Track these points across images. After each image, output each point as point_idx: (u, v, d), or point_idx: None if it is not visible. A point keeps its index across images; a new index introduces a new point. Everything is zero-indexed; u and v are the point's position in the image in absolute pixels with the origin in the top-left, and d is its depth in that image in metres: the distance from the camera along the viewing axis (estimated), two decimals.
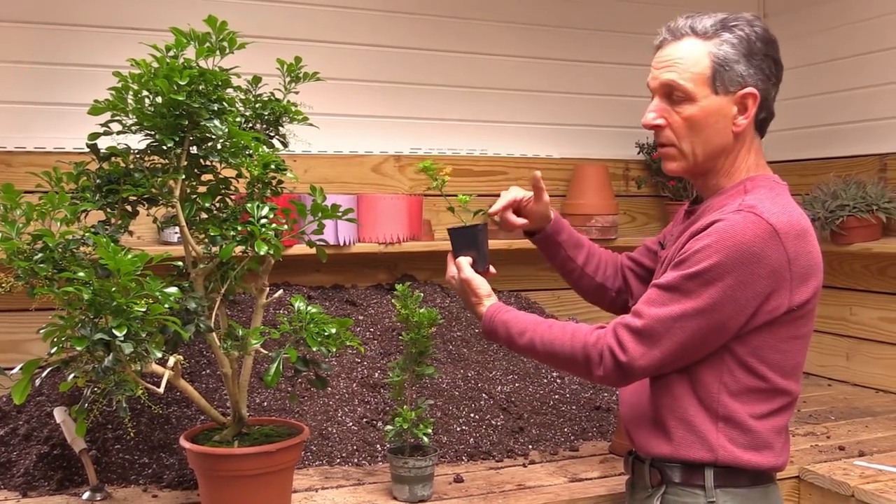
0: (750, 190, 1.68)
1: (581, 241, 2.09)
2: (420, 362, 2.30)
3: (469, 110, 3.64)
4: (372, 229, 3.16)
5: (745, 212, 1.60)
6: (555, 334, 1.73)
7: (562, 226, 2.07)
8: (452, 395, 2.91)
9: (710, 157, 1.72)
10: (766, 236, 1.57)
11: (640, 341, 1.62)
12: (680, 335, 1.61)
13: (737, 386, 1.65)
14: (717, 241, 1.58)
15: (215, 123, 1.92)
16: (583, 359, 1.67)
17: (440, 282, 3.49)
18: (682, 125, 1.71)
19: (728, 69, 1.67)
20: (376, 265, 3.45)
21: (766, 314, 1.61)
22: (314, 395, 2.77)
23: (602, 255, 2.10)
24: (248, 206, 2.00)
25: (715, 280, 1.57)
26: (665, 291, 1.62)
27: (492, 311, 1.85)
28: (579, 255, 2.08)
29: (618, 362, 1.64)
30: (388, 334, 3.10)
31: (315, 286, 3.30)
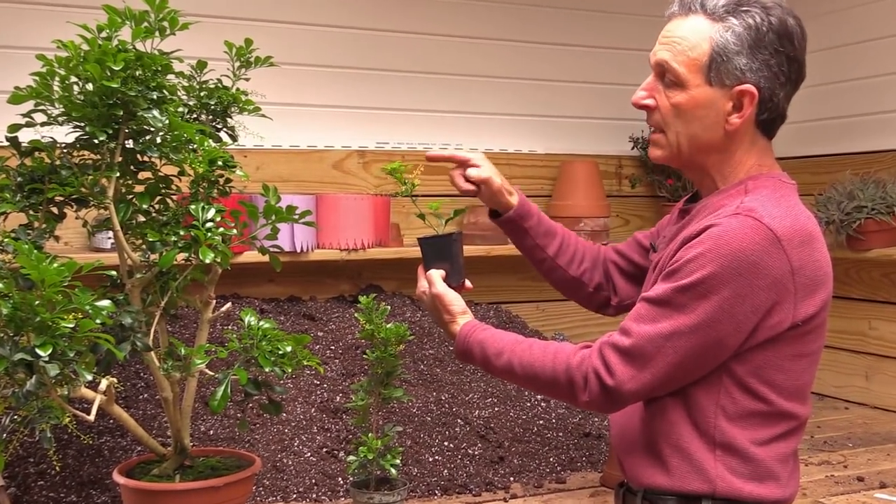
0: (751, 190, 1.69)
1: (553, 230, 2.09)
2: (387, 384, 2.30)
3: (443, 100, 3.65)
4: (333, 234, 3.15)
5: (742, 215, 1.60)
6: (535, 356, 1.74)
7: (528, 210, 2.07)
8: (424, 421, 2.91)
9: (698, 152, 1.74)
10: (766, 243, 1.59)
11: (628, 362, 1.63)
12: (672, 355, 1.61)
13: (735, 409, 1.66)
14: (711, 248, 1.59)
15: (154, 114, 1.91)
16: (566, 382, 1.68)
17: (410, 294, 3.50)
18: (669, 111, 1.72)
19: (726, 60, 1.67)
20: (338, 274, 3.45)
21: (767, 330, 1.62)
22: (267, 422, 2.76)
23: (579, 247, 2.10)
24: (192, 208, 1.99)
25: (710, 293, 1.58)
26: (655, 306, 1.62)
27: (466, 329, 1.85)
28: (550, 244, 2.08)
29: (604, 386, 1.64)
30: (351, 353, 3.09)
31: (268, 298, 3.29)
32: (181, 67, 2.06)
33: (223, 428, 2.71)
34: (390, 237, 3.33)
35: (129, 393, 2.72)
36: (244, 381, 1.93)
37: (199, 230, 1.95)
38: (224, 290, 3.19)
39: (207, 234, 1.95)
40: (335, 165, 3.46)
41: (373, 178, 3.51)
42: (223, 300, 3.07)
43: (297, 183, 3.39)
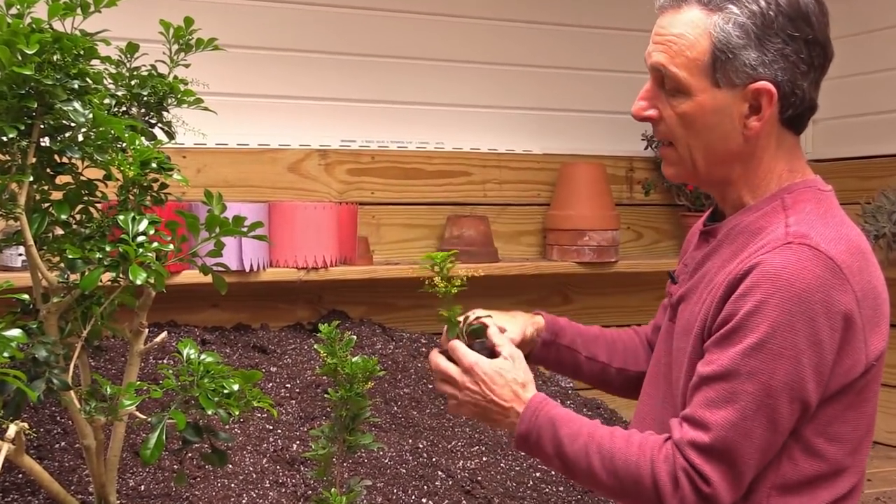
0: (791, 206, 1.69)
1: (593, 333, 2.09)
2: (353, 429, 2.30)
3: (420, 90, 3.66)
4: (289, 249, 3.15)
5: (796, 244, 1.60)
6: (617, 444, 1.70)
7: (559, 326, 2.07)
8: (398, 474, 2.90)
9: (717, 165, 1.73)
10: (829, 275, 1.57)
11: (719, 463, 1.61)
12: (762, 436, 1.59)
13: (797, 477, 1.64)
14: (771, 293, 1.57)
15: (75, 107, 1.91)
16: (650, 482, 1.64)
17: (380, 321, 3.50)
18: (676, 122, 1.72)
19: (732, 56, 1.66)
20: (294, 298, 3.45)
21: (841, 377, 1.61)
22: (210, 475, 2.75)
23: (623, 338, 2.10)
24: (121, 219, 1.98)
25: (784, 348, 1.57)
26: (723, 381, 1.60)
27: (535, 402, 1.80)
28: (599, 349, 2.07)
29: (701, 494, 1.62)
30: (311, 392, 3.08)
31: (211, 327, 3.28)
32: (108, 51, 2.06)
33: (157, 482, 2.69)
34: (357, 253, 3.34)
35: (42, 441, 2.71)
36: (182, 425, 1.93)
37: (128, 245, 1.95)
38: (158, 317, 3.18)
39: (139, 249, 1.95)
40: (291, 168, 3.47)
41: (336, 183, 3.52)
42: (157, 329, 3.06)
43: (245, 189, 3.39)
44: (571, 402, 3.40)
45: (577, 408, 3.38)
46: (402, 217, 3.62)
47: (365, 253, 3.39)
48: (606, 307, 3.91)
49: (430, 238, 3.63)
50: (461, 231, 3.49)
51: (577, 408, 3.38)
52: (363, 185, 3.55)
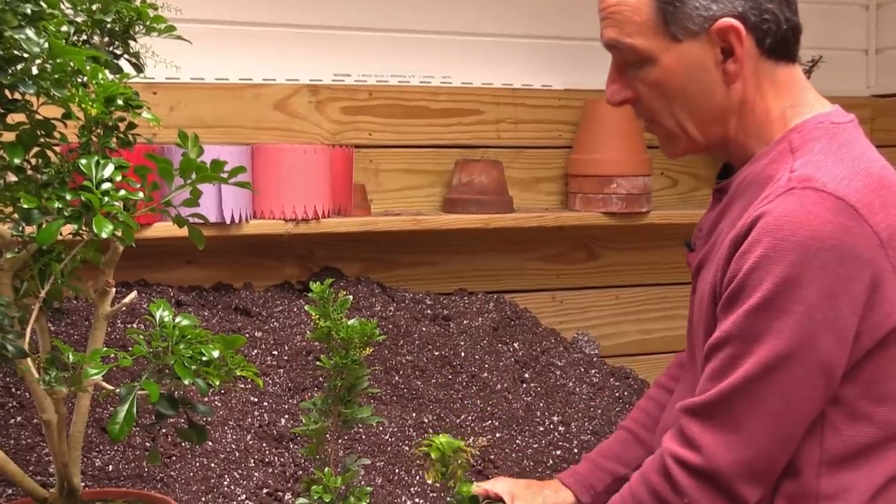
0: (799, 147, 1.69)
1: (620, 443, 2.10)
2: (349, 401, 2.30)
3: (424, 17, 3.64)
4: (275, 199, 3.15)
5: (798, 190, 1.62)
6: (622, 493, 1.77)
7: (585, 475, 2.10)
8: (400, 452, 2.92)
9: (710, 125, 1.76)
10: (840, 218, 1.58)
11: (713, 426, 1.63)
12: (771, 402, 1.61)
13: (845, 448, 1.64)
14: (773, 246, 1.59)
15: (28, 34, 1.89)
16: (649, 497, 1.69)
17: (380, 280, 3.50)
18: (652, 94, 1.76)
19: (679, 4, 1.70)
20: (281, 254, 3.45)
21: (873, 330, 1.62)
22: (187, 454, 2.76)
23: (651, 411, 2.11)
24: (83, 164, 1.98)
25: (791, 304, 1.59)
26: (727, 347, 1.63)
27: None
28: (639, 451, 2.08)
29: (693, 470, 1.63)
30: (300, 359, 3.09)
31: (187, 286, 3.29)
32: None
33: (127, 462, 2.71)
34: (353, 203, 3.33)
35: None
36: (155, 397, 1.93)
37: (91, 193, 1.95)
38: (127, 276, 3.19)
39: (104, 198, 1.94)
40: (278, 106, 3.45)
41: (329, 124, 3.50)
42: (125, 289, 3.06)
43: (225, 129, 3.38)
44: (596, 370, 3.41)
45: (603, 377, 3.39)
46: (404, 162, 3.61)
47: (362, 202, 3.38)
48: (636, 264, 3.91)
49: (436, 185, 3.62)
50: (471, 177, 3.48)
51: (603, 377, 3.39)
52: (359, 126, 3.54)
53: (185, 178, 2.05)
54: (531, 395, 3.23)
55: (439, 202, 3.61)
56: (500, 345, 3.36)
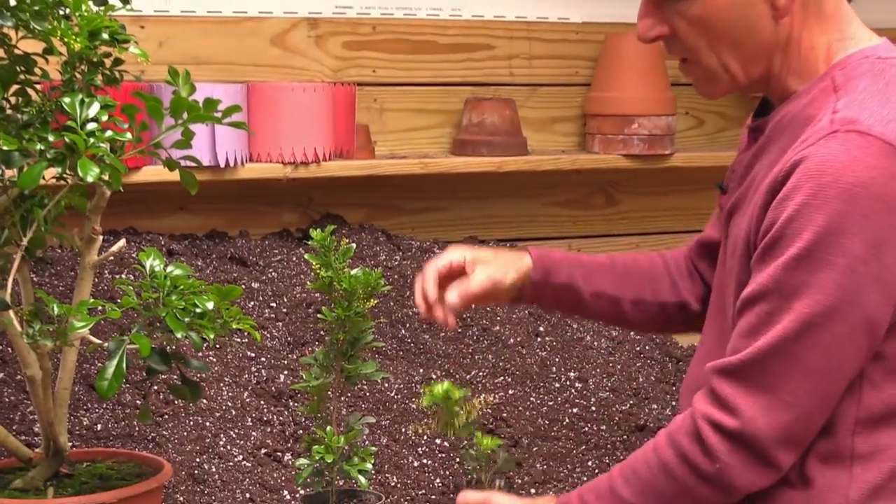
0: (842, 85, 1.68)
1: (599, 264, 2.09)
2: (352, 356, 2.31)
3: None
4: (272, 140, 3.14)
5: (842, 133, 1.60)
6: (635, 456, 1.75)
7: (551, 262, 2.07)
8: (406, 410, 2.92)
9: (754, 64, 1.74)
10: (888, 163, 1.57)
11: (749, 388, 1.61)
12: (814, 358, 1.60)
13: (883, 405, 1.65)
14: (814, 192, 1.57)
15: None
16: (676, 460, 1.67)
17: (384, 227, 3.50)
18: (692, 32, 1.73)
19: None
20: (279, 199, 3.45)
21: None
22: (180, 412, 2.77)
23: (641, 264, 2.10)
24: (67, 102, 1.97)
25: (833, 255, 1.57)
26: (763, 302, 1.62)
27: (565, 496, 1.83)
28: (606, 281, 2.07)
29: (729, 434, 1.62)
30: (300, 312, 3.09)
31: (179, 234, 3.29)
32: None
33: (116, 421, 2.72)
34: (356, 145, 3.32)
35: None
36: (146, 352, 1.93)
37: (76, 134, 1.94)
38: (115, 223, 3.18)
39: (89, 139, 1.94)
40: (275, 40, 3.44)
41: (330, 60, 3.49)
42: (113, 237, 3.06)
43: (218, 66, 3.36)
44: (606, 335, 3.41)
45: (622, 331, 3.38)
46: (411, 101, 3.59)
47: (365, 144, 3.37)
48: (659, 210, 3.90)
49: (445, 126, 3.61)
50: (482, 117, 3.47)
51: (622, 331, 3.38)
52: (362, 62, 3.52)
53: (175, 117, 2.04)
54: (546, 349, 3.23)
55: (448, 144, 3.59)
56: None
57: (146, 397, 2.72)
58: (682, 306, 2.07)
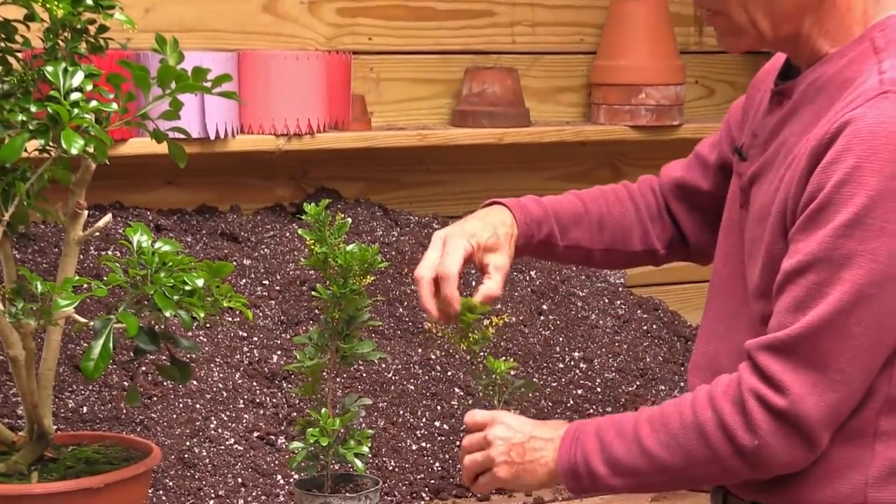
0: (885, 47, 1.68)
1: (573, 214, 2.10)
2: (348, 336, 2.31)
3: None
4: (264, 111, 3.13)
5: (893, 94, 1.60)
6: (668, 408, 1.73)
7: (533, 222, 2.08)
8: (404, 391, 2.92)
9: (784, 22, 1.73)
10: None
11: (798, 365, 1.61)
12: (866, 332, 1.59)
13: None
14: (866, 155, 1.57)
15: None
16: (715, 425, 1.66)
17: (381, 202, 3.49)
18: None
19: None
20: (272, 173, 3.44)
21: None
22: (169, 394, 2.77)
23: (614, 210, 2.11)
24: (49, 71, 1.97)
25: (887, 221, 1.57)
26: (810, 273, 1.60)
27: (575, 425, 1.84)
28: (581, 233, 2.10)
29: (776, 412, 1.61)
30: (294, 289, 3.09)
31: (168, 209, 3.28)
32: None
33: (102, 403, 2.72)
34: (351, 116, 3.32)
35: None
36: (133, 331, 1.93)
37: (59, 105, 1.94)
38: (100, 198, 3.18)
39: (73, 110, 1.94)
40: (266, 7, 3.43)
41: (324, 27, 3.48)
42: (99, 212, 3.06)
43: (207, 34, 3.35)
44: (622, 301, 3.41)
45: (629, 309, 3.39)
46: (409, 70, 3.59)
47: (361, 115, 3.36)
48: None
49: (444, 96, 3.60)
50: (483, 87, 3.46)
51: (629, 309, 3.39)
52: (358, 30, 3.51)
53: (163, 87, 2.04)
54: (550, 328, 3.23)
55: (447, 115, 3.59)
56: (516, 273, 3.36)
57: (134, 378, 2.72)
58: (650, 252, 2.12)
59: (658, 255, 2.13)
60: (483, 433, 1.85)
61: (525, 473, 1.82)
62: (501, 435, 1.83)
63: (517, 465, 1.82)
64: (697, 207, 2.09)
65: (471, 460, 1.86)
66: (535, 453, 1.81)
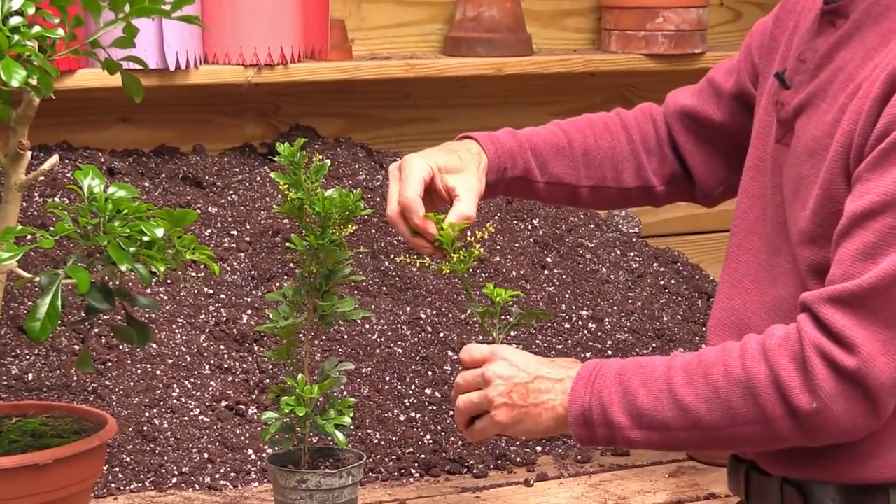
0: None
1: (555, 146, 2.10)
2: (327, 292, 2.31)
3: None
4: (230, 38, 3.13)
5: None
6: (709, 358, 1.73)
7: (506, 154, 2.07)
8: (391, 355, 2.93)
9: None
10: None
11: (867, 318, 1.61)
12: None
13: None
14: None
15: None
16: (768, 382, 1.65)
17: (365, 141, 3.49)
18: None
19: None
20: (240, 109, 3.44)
21: None
22: (126, 359, 2.77)
23: (603, 143, 2.10)
24: None
25: None
26: (884, 216, 1.61)
27: (590, 365, 1.81)
28: (563, 168, 2.10)
29: (842, 373, 1.62)
30: (266, 240, 3.09)
31: (122, 150, 3.28)
32: None
33: (50, 369, 2.72)
34: (330, 44, 3.31)
35: None
36: (85, 288, 1.93)
37: None
38: (46, 137, 3.18)
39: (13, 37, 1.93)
40: None
41: None
42: (44, 153, 3.05)
43: None
44: (636, 252, 3.41)
45: (644, 262, 3.39)
46: None
47: (341, 44, 3.36)
48: None
49: (434, 21, 3.59)
50: (478, 11, 3.46)
51: (644, 262, 3.39)
52: None
53: (115, 10, 2.03)
54: (554, 284, 3.23)
55: (439, 43, 3.58)
56: (516, 221, 3.36)
57: (85, 341, 2.73)
58: (645, 189, 2.13)
59: (655, 192, 2.12)
60: (481, 370, 1.84)
61: (527, 418, 1.81)
62: (502, 373, 1.82)
63: (519, 408, 1.81)
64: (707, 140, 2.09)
65: (465, 401, 1.85)
66: (541, 395, 1.80)
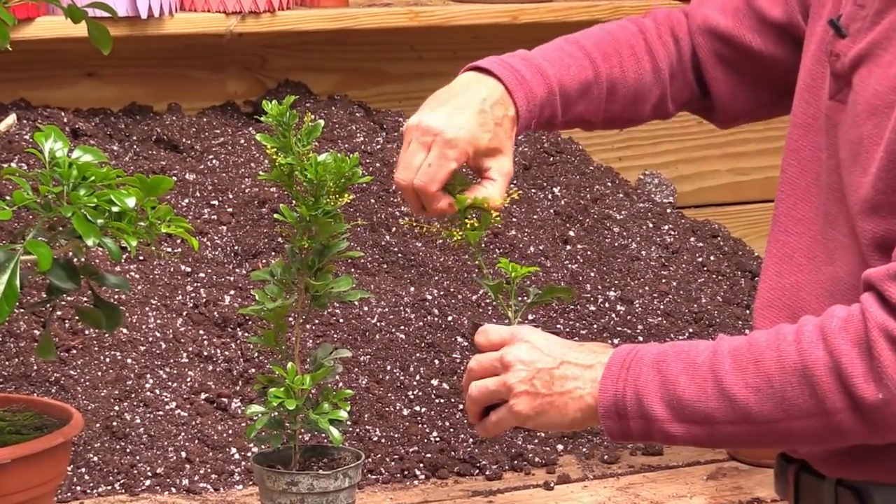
0: None
1: (581, 84, 2.10)
2: (321, 270, 2.31)
3: None
4: None
5: None
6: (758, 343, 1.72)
7: (534, 104, 2.07)
8: (392, 341, 2.93)
9: None
10: None
11: None
12: None
13: None
14: None
15: None
16: (827, 369, 1.64)
17: (363, 99, 3.49)
18: None
19: None
20: (222, 62, 3.44)
21: None
22: (93, 346, 2.77)
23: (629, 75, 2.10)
24: None
25: None
26: None
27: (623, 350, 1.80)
28: (584, 107, 2.11)
29: None
30: (251, 211, 3.09)
31: (88, 109, 3.28)
32: None
33: (7, 357, 2.72)
34: None
35: None
36: (46, 265, 1.93)
37: None
38: (2, 94, 3.18)
39: None
40: None
41: None
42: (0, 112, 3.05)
43: None
44: (671, 225, 3.41)
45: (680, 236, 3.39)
46: None
47: None
48: None
49: None
50: None
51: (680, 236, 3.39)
52: None
53: None
54: (578, 261, 3.23)
55: None
56: (535, 190, 3.36)
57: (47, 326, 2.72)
58: (657, 116, 2.16)
59: (667, 114, 2.15)
60: (499, 353, 1.83)
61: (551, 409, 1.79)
62: (523, 357, 1.80)
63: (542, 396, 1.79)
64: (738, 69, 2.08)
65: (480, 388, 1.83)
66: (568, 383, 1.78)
